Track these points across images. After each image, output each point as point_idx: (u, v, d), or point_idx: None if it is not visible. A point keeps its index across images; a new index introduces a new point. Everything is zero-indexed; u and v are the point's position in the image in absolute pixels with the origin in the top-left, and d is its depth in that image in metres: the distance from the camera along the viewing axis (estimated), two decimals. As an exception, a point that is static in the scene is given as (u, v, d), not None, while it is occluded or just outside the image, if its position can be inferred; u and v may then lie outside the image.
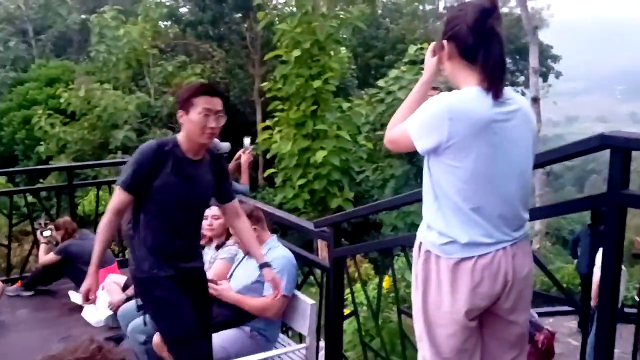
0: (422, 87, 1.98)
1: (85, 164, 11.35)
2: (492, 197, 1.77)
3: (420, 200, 1.99)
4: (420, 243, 1.87)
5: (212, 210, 3.72)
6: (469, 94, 1.76)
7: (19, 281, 5.13)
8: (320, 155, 10.19)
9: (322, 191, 10.66)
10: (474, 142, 1.72)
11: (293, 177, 10.80)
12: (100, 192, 6.26)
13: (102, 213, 6.28)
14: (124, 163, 10.24)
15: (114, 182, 6.09)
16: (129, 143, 13.93)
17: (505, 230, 1.79)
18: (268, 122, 11.62)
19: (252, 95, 17.81)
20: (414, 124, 1.80)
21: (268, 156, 11.67)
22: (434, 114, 1.75)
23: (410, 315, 2.42)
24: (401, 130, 1.87)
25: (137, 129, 15.05)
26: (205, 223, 3.75)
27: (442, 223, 1.79)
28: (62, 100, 14.35)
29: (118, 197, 2.53)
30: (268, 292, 3.11)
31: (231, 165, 4.48)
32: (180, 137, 2.58)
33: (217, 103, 2.53)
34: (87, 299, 2.58)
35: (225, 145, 4.33)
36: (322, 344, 3.50)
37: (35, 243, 5.38)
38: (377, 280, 3.74)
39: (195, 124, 2.47)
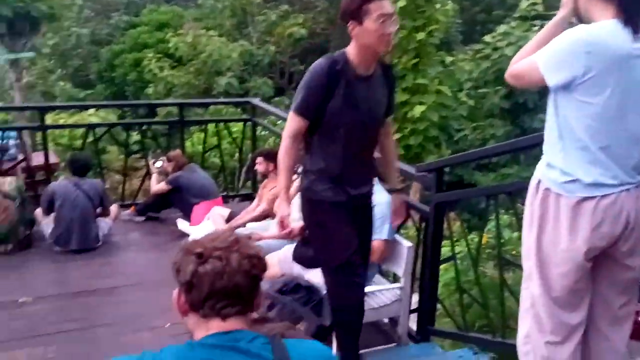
0: (556, 25, 1.89)
1: (195, 101, 11.66)
2: (621, 137, 1.69)
3: (537, 145, 1.93)
4: (539, 181, 1.83)
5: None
6: (606, 26, 1.66)
7: (133, 207, 5.53)
8: (418, 110, 10.00)
9: (417, 147, 10.49)
10: (610, 78, 1.64)
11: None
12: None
13: (208, 150, 6.60)
14: (229, 103, 10.64)
15: (220, 121, 6.45)
16: (231, 90, 14.31)
17: (631, 172, 1.72)
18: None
19: (352, 47, 17.68)
20: (546, 56, 1.73)
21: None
22: (570, 47, 1.67)
23: (513, 265, 2.38)
24: (528, 63, 1.80)
25: (239, 77, 15.40)
26: None
27: (565, 161, 1.74)
28: (170, 45, 14.91)
29: (292, 122, 2.48)
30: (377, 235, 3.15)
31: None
32: (351, 52, 2.44)
33: (389, 6, 2.37)
34: (282, 227, 2.57)
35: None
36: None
37: (148, 174, 5.75)
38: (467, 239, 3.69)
39: (372, 33, 2.33)
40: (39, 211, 4.91)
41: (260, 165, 4.58)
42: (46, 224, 4.80)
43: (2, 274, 4.33)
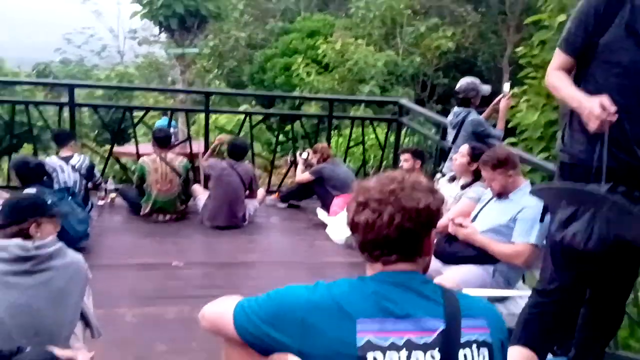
0: None
1: (344, 97, 12.38)
2: None
3: None
4: None
5: (464, 148, 3.78)
6: None
7: (277, 193, 5.84)
8: (568, 131, 9.44)
9: (563, 169, 9.92)
10: None
11: (534, 150, 10.22)
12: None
13: (352, 147, 6.75)
14: (376, 102, 10.99)
15: (367, 119, 6.62)
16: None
17: None
18: (515, 90, 11.09)
19: (500, 63, 17.15)
20: None
21: (510, 125, 11.19)
22: None
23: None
24: None
25: (381, 86, 15.58)
26: (457, 157, 3.83)
27: None
28: (319, 51, 15.47)
29: (557, 58, 2.15)
30: (517, 239, 3.09)
31: (488, 110, 4.47)
32: None
33: None
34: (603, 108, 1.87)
35: (486, 88, 4.33)
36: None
37: (293, 164, 6.05)
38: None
39: None
40: (195, 187, 5.36)
41: (406, 162, 4.64)
42: (200, 200, 5.23)
43: (159, 240, 4.79)
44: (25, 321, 2.05)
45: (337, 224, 4.86)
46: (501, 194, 3.32)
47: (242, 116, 6.86)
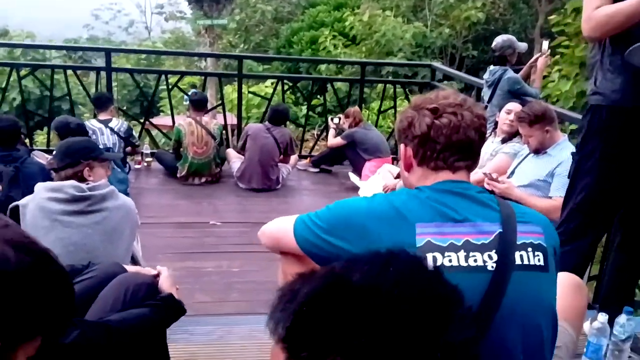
0: None
1: (377, 61, 12.77)
2: None
3: None
4: None
5: (516, 107, 3.76)
6: None
7: (309, 158, 5.89)
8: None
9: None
10: None
11: (566, 120, 10.07)
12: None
13: (383, 111, 6.74)
14: (409, 66, 10.99)
15: (398, 82, 6.61)
16: (401, 70, 14.39)
17: None
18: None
19: (532, 34, 16.79)
20: None
21: (542, 96, 11.03)
22: None
23: None
24: None
25: (409, 58, 15.42)
26: (507, 117, 3.81)
27: None
28: (346, 24, 15.36)
29: (593, 2, 2.11)
30: (554, 194, 3.09)
31: (525, 68, 4.43)
32: None
33: None
34: None
35: (523, 46, 4.30)
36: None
37: (325, 129, 6.08)
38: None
39: None
40: (229, 151, 5.44)
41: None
42: (234, 163, 5.31)
43: (197, 201, 4.89)
44: (80, 258, 2.14)
45: (369, 187, 4.90)
46: (539, 150, 3.31)
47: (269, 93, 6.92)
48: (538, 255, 1.26)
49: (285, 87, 6.32)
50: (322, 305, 0.56)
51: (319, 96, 7.39)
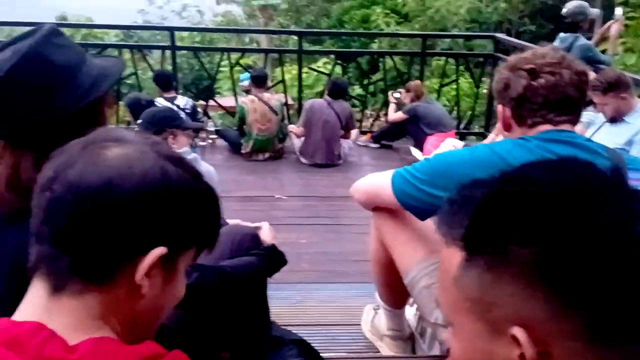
0: None
1: (437, 33, 12.71)
2: None
3: None
4: None
5: (589, 74, 3.65)
6: None
7: (369, 134, 5.88)
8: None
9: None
10: None
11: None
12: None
13: (445, 85, 6.67)
14: (471, 37, 10.93)
15: (460, 55, 6.50)
16: (455, 47, 14.11)
17: None
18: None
19: (594, 5, 16.16)
20: None
21: (606, 68, 10.59)
22: None
23: None
24: None
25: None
26: None
27: None
28: (399, 1, 15.15)
29: None
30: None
31: (597, 35, 4.29)
32: None
33: None
34: None
35: (595, 12, 4.16)
36: None
37: (385, 103, 6.05)
38: None
39: None
40: (291, 127, 5.50)
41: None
42: (296, 139, 5.36)
43: (262, 176, 4.98)
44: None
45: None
46: (615, 118, 3.22)
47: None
48: None
49: (338, 68, 6.38)
50: (505, 199, 0.57)
51: (371, 77, 7.36)
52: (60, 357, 0.60)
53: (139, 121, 2.52)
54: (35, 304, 0.66)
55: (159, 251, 0.67)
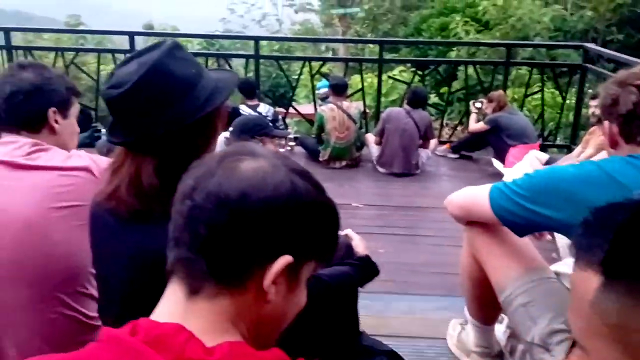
0: None
1: (520, 42, 12.22)
2: None
3: None
4: None
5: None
6: None
7: (448, 144, 5.81)
8: None
9: None
10: None
11: None
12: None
13: (529, 95, 6.44)
14: (557, 47, 10.62)
15: (546, 65, 6.27)
16: (538, 56, 13.67)
17: None
18: None
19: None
20: None
21: None
22: None
23: None
24: None
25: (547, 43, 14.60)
26: None
27: None
28: (479, 8, 14.87)
29: None
30: None
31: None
32: None
33: None
34: None
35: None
36: None
37: (467, 113, 5.95)
38: None
39: None
40: (368, 136, 5.51)
41: (597, 109, 4.37)
42: (372, 148, 5.37)
43: (339, 184, 5.02)
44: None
45: (514, 174, 4.72)
46: None
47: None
48: None
49: (416, 78, 6.34)
50: None
51: (449, 85, 7.25)
52: (199, 358, 0.64)
53: (231, 128, 2.61)
54: (174, 306, 0.71)
55: (286, 259, 0.71)
